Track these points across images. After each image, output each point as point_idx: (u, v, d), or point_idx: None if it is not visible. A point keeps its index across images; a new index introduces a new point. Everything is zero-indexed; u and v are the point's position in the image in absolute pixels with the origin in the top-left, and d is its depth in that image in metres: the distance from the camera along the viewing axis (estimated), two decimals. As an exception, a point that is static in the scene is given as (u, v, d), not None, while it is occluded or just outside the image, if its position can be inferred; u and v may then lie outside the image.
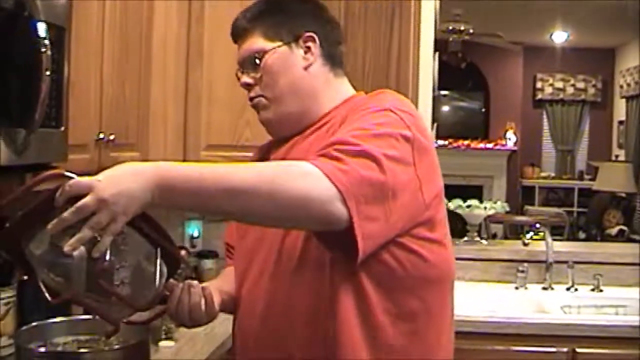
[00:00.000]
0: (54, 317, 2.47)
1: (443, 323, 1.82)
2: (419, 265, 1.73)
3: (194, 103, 3.21)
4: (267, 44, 1.87)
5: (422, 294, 1.76)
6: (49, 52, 1.89)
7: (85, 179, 1.43)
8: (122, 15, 2.71)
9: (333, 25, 1.96)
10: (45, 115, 1.95)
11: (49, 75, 1.90)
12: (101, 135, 2.55)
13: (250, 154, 3.26)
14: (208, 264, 3.58)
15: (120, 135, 2.69)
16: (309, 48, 1.88)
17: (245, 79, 1.92)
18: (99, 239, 1.46)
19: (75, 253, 1.46)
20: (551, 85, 11.77)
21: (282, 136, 1.94)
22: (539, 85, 11.82)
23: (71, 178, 1.43)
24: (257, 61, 1.88)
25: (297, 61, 1.87)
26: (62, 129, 2.15)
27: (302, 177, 1.51)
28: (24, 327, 2.36)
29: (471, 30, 9.31)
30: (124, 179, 1.45)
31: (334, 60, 1.92)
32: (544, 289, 3.78)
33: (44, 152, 2.08)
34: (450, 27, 9.04)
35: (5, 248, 1.60)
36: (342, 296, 1.70)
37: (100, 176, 1.45)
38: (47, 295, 1.56)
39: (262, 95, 1.90)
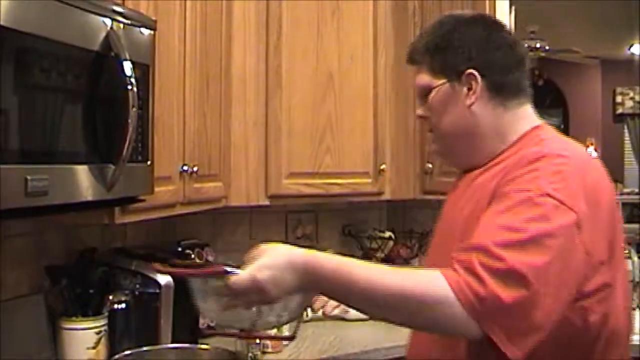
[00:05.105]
0: (144, 345, 2.54)
1: None
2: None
3: (274, 132, 3.26)
4: (432, 81, 1.86)
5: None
6: (135, 89, 1.95)
7: (247, 275, 1.58)
8: (202, 49, 2.77)
9: (504, 50, 1.85)
10: (132, 150, 2.01)
11: (135, 111, 1.96)
12: (185, 167, 2.62)
13: (331, 181, 3.33)
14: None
15: (203, 167, 2.75)
16: (471, 86, 1.82)
17: (419, 111, 1.93)
18: None
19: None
20: (632, 98, 11.54)
21: (461, 168, 1.95)
22: (618, 99, 11.61)
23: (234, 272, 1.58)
24: (425, 97, 1.88)
25: (460, 99, 1.83)
26: (149, 163, 2.21)
27: (438, 305, 1.52)
28: (117, 356, 2.42)
29: (547, 47, 9.22)
30: (280, 273, 1.56)
31: (503, 90, 1.83)
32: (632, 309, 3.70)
33: (131, 186, 2.15)
34: (526, 45, 8.95)
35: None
36: None
37: (263, 265, 1.58)
38: None
39: (432, 130, 1.92)
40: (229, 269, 1.58)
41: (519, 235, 1.54)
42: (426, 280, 1.55)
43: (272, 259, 1.58)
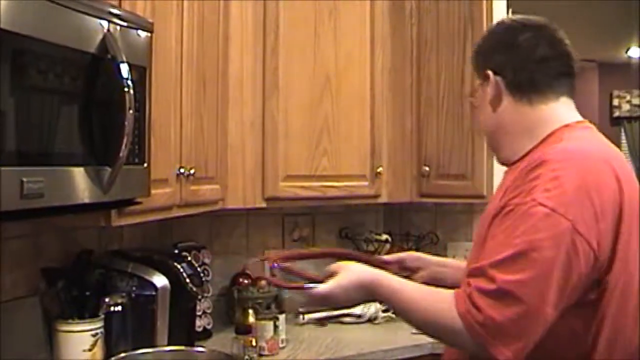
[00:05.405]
0: (140, 348, 2.54)
1: None
2: None
3: (271, 135, 3.25)
4: (476, 84, 2.00)
5: None
6: (131, 92, 1.95)
7: (326, 290, 1.88)
8: (199, 51, 2.77)
9: (522, 49, 1.91)
10: (129, 152, 2.00)
11: (132, 113, 1.95)
12: (181, 170, 2.61)
13: (328, 184, 3.33)
14: (288, 292, 3.60)
15: (199, 169, 2.75)
16: (491, 85, 1.92)
17: None
18: None
19: None
20: (629, 102, 11.53)
21: (503, 164, 2.02)
22: (615, 102, 11.59)
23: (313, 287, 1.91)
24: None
25: (487, 99, 1.93)
26: (145, 165, 2.21)
27: (455, 335, 1.71)
28: (113, 358, 2.42)
29: (544, 50, 9.17)
30: (351, 291, 1.88)
31: (521, 88, 1.89)
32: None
33: (128, 188, 2.14)
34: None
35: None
36: None
37: (338, 284, 1.88)
38: None
39: None
40: (309, 285, 1.90)
41: (509, 251, 1.66)
42: (443, 310, 1.73)
43: (345, 279, 1.88)
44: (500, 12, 3.72)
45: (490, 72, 1.90)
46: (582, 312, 1.71)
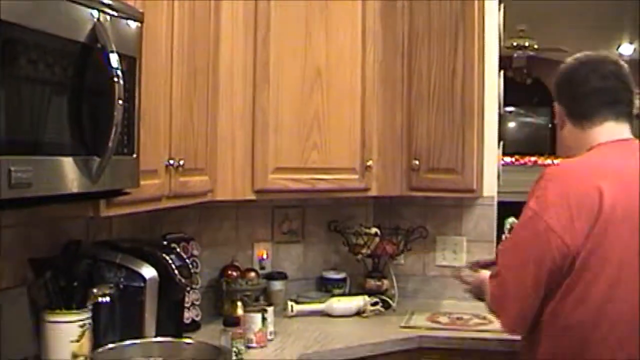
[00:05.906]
0: (128, 339, 2.53)
1: None
2: None
3: (261, 127, 3.24)
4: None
5: None
6: (121, 82, 1.94)
7: (468, 289, 2.74)
8: (189, 43, 2.76)
9: (576, 83, 2.40)
10: (118, 142, 2.00)
11: (121, 104, 1.95)
12: (171, 161, 2.60)
13: (318, 176, 3.33)
14: (277, 285, 3.61)
15: (189, 160, 2.74)
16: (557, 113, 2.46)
17: None
18: None
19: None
20: (619, 98, 11.54)
21: None
22: (606, 98, 11.61)
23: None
24: None
25: (558, 123, 2.46)
26: (134, 155, 2.20)
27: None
28: (100, 349, 2.42)
29: (535, 46, 9.22)
30: (478, 290, 2.58)
31: (574, 115, 2.39)
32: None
33: (117, 179, 2.14)
34: (515, 43, 8.97)
35: None
36: None
37: (472, 283, 2.69)
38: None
39: None
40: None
41: (507, 243, 2.37)
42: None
43: (474, 283, 2.63)
44: (492, 10, 3.73)
45: (556, 103, 2.45)
46: (558, 290, 2.15)
